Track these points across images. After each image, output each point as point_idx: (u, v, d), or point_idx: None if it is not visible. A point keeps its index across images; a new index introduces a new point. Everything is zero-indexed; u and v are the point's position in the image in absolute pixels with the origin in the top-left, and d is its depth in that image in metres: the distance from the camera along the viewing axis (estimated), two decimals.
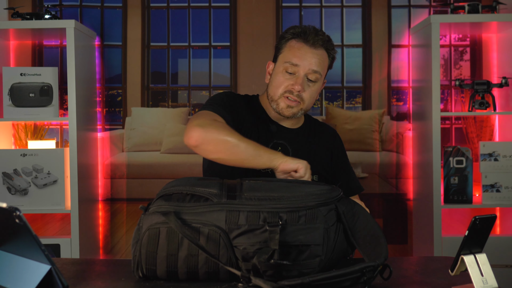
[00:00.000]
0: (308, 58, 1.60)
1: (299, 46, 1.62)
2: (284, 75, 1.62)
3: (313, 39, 1.61)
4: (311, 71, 1.60)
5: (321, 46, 1.62)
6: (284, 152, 1.60)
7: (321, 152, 1.71)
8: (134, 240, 1.13)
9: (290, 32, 1.65)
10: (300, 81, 1.59)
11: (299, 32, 1.63)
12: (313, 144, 1.71)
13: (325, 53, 1.64)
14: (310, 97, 1.63)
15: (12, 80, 2.46)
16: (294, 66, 1.60)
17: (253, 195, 1.12)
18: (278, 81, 1.63)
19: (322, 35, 1.63)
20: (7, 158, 2.42)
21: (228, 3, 2.81)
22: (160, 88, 2.82)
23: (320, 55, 1.62)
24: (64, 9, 2.79)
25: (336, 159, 1.74)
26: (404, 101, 2.81)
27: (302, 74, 1.60)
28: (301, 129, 1.72)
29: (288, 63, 1.61)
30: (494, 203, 2.49)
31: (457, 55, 2.84)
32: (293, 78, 1.61)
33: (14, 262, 0.99)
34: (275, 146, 1.64)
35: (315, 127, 1.76)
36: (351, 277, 1.03)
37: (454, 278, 1.11)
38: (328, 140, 1.75)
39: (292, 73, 1.61)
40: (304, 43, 1.62)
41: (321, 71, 1.62)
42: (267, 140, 1.64)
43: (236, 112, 1.61)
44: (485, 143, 2.50)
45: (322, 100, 2.81)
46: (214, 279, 1.12)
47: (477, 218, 1.01)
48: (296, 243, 1.09)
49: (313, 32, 1.62)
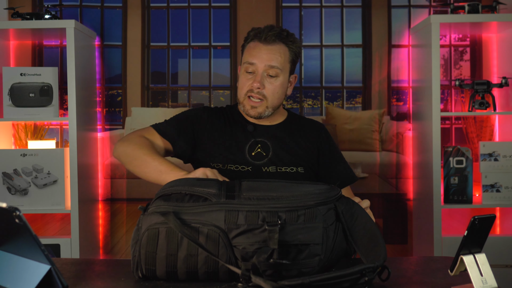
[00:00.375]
0: (263, 55, 1.64)
1: (254, 45, 1.67)
2: (245, 76, 1.66)
3: (266, 35, 1.64)
4: (268, 66, 1.63)
5: (275, 40, 1.64)
6: (264, 149, 1.65)
7: (306, 145, 1.72)
8: (133, 240, 1.13)
9: (250, 34, 1.70)
10: (258, 78, 1.63)
11: (256, 33, 1.68)
12: (297, 137, 1.72)
13: (284, 47, 1.66)
14: (272, 93, 1.65)
15: (12, 80, 2.46)
16: (252, 65, 1.64)
17: (252, 194, 1.12)
18: (240, 83, 1.68)
19: (278, 31, 1.65)
20: (7, 158, 2.42)
21: (228, 3, 2.81)
22: (160, 88, 2.82)
23: (276, 50, 1.64)
24: (64, 9, 2.79)
25: (323, 152, 1.74)
26: (404, 101, 2.81)
27: (260, 71, 1.64)
28: (281, 124, 1.74)
29: (246, 63, 1.66)
30: (494, 203, 2.49)
31: (457, 55, 2.84)
32: (252, 77, 1.65)
33: (14, 262, 0.99)
34: (254, 144, 1.67)
35: (298, 122, 1.78)
36: (350, 278, 1.03)
37: (453, 278, 1.11)
38: (313, 134, 1.75)
39: (251, 72, 1.64)
40: (259, 41, 1.66)
41: (279, 66, 1.64)
42: (246, 140, 1.67)
43: (198, 124, 1.69)
44: (485, 143, 2.50)
45: (322, 100, 2.81)
46: (214, 279, 1.12)
47: (476, 218, 1.01)
48: (295, 242, 1.09)
49: (267, 29, 1.66)
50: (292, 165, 1.66)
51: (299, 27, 2.82)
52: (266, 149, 1.66)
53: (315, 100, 2.81)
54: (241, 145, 1.66)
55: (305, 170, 1.67)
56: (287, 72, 1.68)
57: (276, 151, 1.66)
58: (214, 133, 1.68)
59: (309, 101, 2.81)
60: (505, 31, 2.66)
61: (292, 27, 2.81)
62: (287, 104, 2.80)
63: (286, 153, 1.67)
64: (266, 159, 1.65)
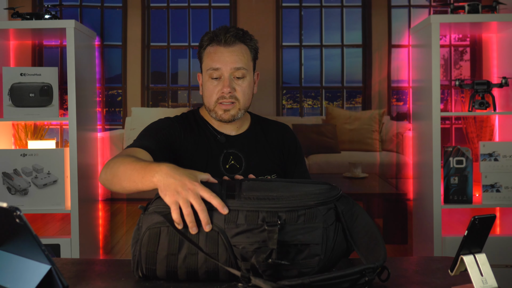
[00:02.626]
0: (226, 58, 1.60)
1: (214, 49, 1.62)
2: (211, 82, 1.62)
3: (224, 37, 1.61)
4: (234, 69, 1.61)
5: (235, 41, 1.62)
6: (237, 161, 1.64)
7: (272, 149, 1.72)
8: (133, 239, 1.14)
9: (204, 39, 1.66)
10: (226, 83, 1.60)
11: (211, 37, 1.63)
12: (263, 144, 1.72)
13: (244, 46, 1.64)
14: (243, 94, 1.63)
15: (12, 80, 2.46)
16: (216, 71, 1.61)
17: (252, 194, 1.12)
18: (208, 90, 1.64)
19: (235, 31, 1.63)
20: (7, 158, 2.42)
21: (228, 3, 2.81)
22: (160, 88, 2.82)
23: (238, 51, 1.62)
24: (64, 9, 2.79)
25: (287, 154, 1.74)
26: (404, 101, 2.81)
27: (227, 75, 1.61)
28: (248, 132, 1.72)
29: (210, 70, 1.61)
30: (494, 203, 2.49)
31: (457, 55, 2.84)
32: (220, 82, 1.61)
33: (14, 262, 0.99)
34: (227, 156, 1.65)
35: (262, 127, 1.76)
36: (350, 278, 1.03)
37: (454, 278, 1.11)
38: (277, 136, 1.75)
39: (217, 77, 1.61)
40: (218, 45, 1.62)
41: (244, 66, 1.62)
42: (219, 152, 1.65)
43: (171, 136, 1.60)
44: (485, 143, 2.50)
45: (322, 100, 2.81)
46: (214, 279, 1.12)
47: (476, 218, 1.01)
48: (295, 242, 1.09)
49: (223, 31, 1.62)
50: (266, 173, 1.67)
51: (299, 27, 2.82)
52: (238, 161, 1.65)
53: (315, 100, 2.81)
54: (215, 158, 1.64)
55: (278, 176, 1.69)
56: (251, 71, 1.68)
57: (248, 162, 1.66)
58: (187, 146, 1.63)
59: (309, 101, 2.81)
60: (505, 31, 2.66)
61: (292, 27, 2.81)
62: (287, 104, 2.81)
63: (258, 162, 1.67)
64: (241, 171, 1.64)
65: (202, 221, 1.08)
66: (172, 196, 1.11)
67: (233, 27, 1.65)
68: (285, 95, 2.81)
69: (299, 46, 2.82)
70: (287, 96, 2.81)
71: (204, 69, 1.65)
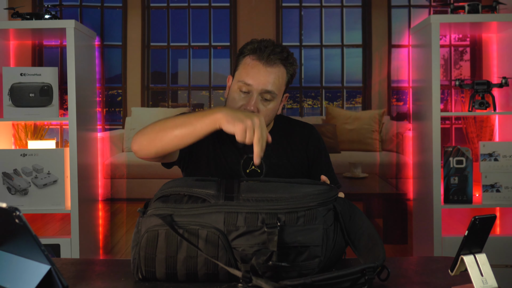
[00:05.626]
0: (261, 78, 1.53)
1: (253, 64, 1.55)
2: (238, 94, 1.56)
3: (268, 57, 1.54)
4: (264, 91, 1.54)
5: (276, 62, 1.55)
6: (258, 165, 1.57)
7: (297, 151, 1.67)
8: (133, 242, 1.13)
9: (247, 48, 1.58)
10: (253, 101, 1.53)
11: (255, 48, 1.56)
12: (287, 146, 1.66)
13: (283, 69, 1.57)
14: (266, 115, 1.56)
15: (12, 80, 2.46)
16: (248, 86, 1.54)
17: (250, 196, 1.11)
18: (233, 100, 1.57)
19: (280, 52, 1.56)
20: (7, 158, 2.42)
21: (228, 3, 2.81)
22: (160, 88, 2.82)
23: (275, 73, 1.55)
24: (64, 9, 2.79)
25: (312, 154, 1.69)
26: (404, 101, 2.81)
27: (256, 94, 1.54)
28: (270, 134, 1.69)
29: (241, 82, 1.55)
30: (494, 203, 2.49)
31: (457, 55, 2.84)
32: (247, 97, 1.55)
33: (14, 262, 0.99)
34: (248, 160, 1.60)
35: (286, 128, 1.70)
36: (351, 278, 1.03)
37: (454, 278, 1.11)
38: (303, 137, 1.69)
39: (246, 91, 1.55)
40: (259, 61, 1.54)
41: (276, 90, 1.55)
42: (240, 156, 1.60)
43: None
44: (485, 143, 2.50)
45: (322, 100, 2.81)
46: (214, 280, 1.12)
47: (476, 218, 1.01)
48: (295, 244, 1.08)
49: (270, 48, 1.55)
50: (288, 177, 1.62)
51: (299, 27, 2.82)
52: (259, 166, 1.59)
53: (315, 100, 2.81)
54: (235, 162, 1.60)
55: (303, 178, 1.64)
56: (281, 95, 1.61)
57: (270, 167, 1.61)
58: (209, 146, 1.60)
59: (309, 101, 2.81)
60: (505, 31, 2.65)
61: (292, 27, 2.81)
62: (287, 104, 2.80)
63: (280, 168, 1.62)
64: (261, 177, 1.59)
65: (256, 152, 1.23)
66: (241, 125, 1.23)
67: (279, 46, 1.58)
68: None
69: (299, 46, 2.82)
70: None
71: (236, 77, 1.58)
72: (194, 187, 1.14)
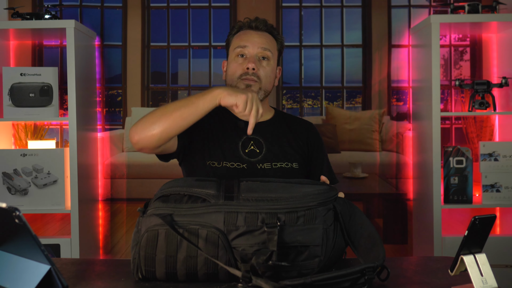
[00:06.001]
0: (255, 38, 1.67)
1: (244, 32, 1.70)
2: (236, 60, 1.67)
3: (255, 23, 1.69)
4: (261, 48, 1.66)
5: (265, 29, 1.70)
6: (258, 146, 1.63)
7: (296, 139, 1.70)
8: (133, 242, 1.13)
9: (236, 26, 1.74)
10: (252, 59, 1.64)
11: (241, 25, 1.73)
12: (286, 133, 1.71)
13: (271, 36, 1.71)
14: (265, 76, 1.66)
15: (12, 80, 2.46)
16: (244, 48, 1.66)
17: (250, 196, 1.11)
18: (232, 68, 1.67)
19: (264, 22, 1.71)
20: (7, 158, 2.42)
21: (228, 3, 2.81)
22: (160, 88, 2.82)
23: (266, 36, 1.69)
24: (64, 9, 2.79)
25: (312, 149, 1.72)
26: (404, 101, 2.81)
27: (253, 52, 1.65)
28: (271, 121, 1.72)
29: (238, 48, 1.67)
30: (494, 203, 2.49)
31: (457, 55, 2.84)
32: (245, 60, 1.65)
33: (14, 262, 0.99)
34: (247, 141, 1.63)
35: (287, 119, 1.76)
36: (351, 278, 1.03)
37: (454, 278, 1.11)
38: (304, 131, 1.74)
39: (243, 55, 1.66)
40: (249, 29, 1.71)
41: (271, 49, 1.68)
42: (238, 136, 1.63)
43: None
44: (485, 143, 2.50)
45: (322, 100, 2.81)
46: (214, 280, 1.11)
47: (476, 218, 1.01)
48: (294, 244, 1.08)
49: (255, 19, 1.72)
50: (287, 160, 1.62)
51: (299, 27, 2.82)
52: (259, 146, 1.62)
53: (315, 100, 2.81)
54: (235, 143, 1.62)
55: (299, 166, 1.64)
56: (276, 60, 1.72)
57: (269, 148, 1.63)
58: (206, 130, 1.63)
59: (309, 101, 2.81)
60: (505, 31, 2.65)
61: (292, 27, 2.81)
62: (287, 104, 2.81)
63: (279, 149, 1.64)
64: (260, 156, 1.61)
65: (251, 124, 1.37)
66: (243, 96, 1.36)
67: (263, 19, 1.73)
68: (285, 95, 2.81)
69: (299, 46, 2.82)
70: (287, 96, 2.81)
71: (231, 49, 1.70)
72: (194, 187, 1.14)
